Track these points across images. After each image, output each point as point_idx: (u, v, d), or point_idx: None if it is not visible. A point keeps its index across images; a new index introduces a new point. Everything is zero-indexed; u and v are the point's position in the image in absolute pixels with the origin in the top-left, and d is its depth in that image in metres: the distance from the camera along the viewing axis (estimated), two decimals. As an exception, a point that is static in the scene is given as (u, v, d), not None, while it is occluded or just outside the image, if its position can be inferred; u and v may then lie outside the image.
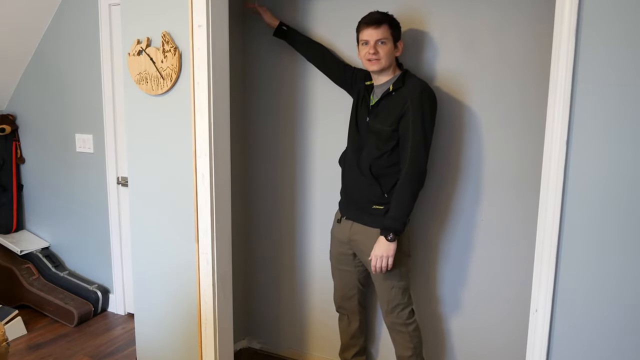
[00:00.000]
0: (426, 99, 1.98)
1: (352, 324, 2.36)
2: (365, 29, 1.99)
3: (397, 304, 2.13)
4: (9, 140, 3.46)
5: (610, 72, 1.49)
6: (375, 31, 1.97)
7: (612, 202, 1.52)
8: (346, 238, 2.19)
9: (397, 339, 2.19)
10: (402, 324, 2.15)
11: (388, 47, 1.99)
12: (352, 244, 2.18)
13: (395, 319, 2.15)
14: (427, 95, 1.99)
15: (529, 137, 2.06)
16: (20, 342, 2.92)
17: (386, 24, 1.97)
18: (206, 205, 2.17)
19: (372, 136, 2.07)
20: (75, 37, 3.12)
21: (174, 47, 2.14)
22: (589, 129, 1.53)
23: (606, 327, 1.58)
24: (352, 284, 2.29)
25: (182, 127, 2.19)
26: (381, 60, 1.98)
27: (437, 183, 2.26)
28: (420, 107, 1.96)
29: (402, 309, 2.14)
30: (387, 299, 2.14)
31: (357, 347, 2.39)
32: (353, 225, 2.15)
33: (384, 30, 1.97)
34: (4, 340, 1.91)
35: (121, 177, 3.12)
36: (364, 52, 2.00)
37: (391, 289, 2.12)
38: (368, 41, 1.98)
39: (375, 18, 1.98)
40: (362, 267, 2.24)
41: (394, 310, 2.14)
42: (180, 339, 2.39)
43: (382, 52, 1.98)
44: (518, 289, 2.16)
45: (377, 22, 1.97)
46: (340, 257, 2.27)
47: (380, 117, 2.04)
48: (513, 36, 2.04)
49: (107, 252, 3.26)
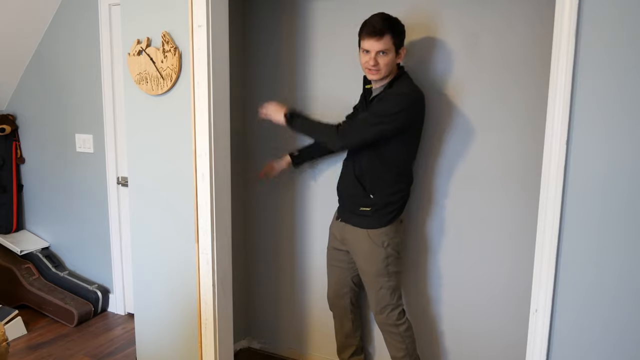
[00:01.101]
0: (402, 100, 1.95)
1: (346, 324, 2.37)
2: (367, 39, 1.92)
3: (386, 305, 2.13)
4: (9, 140, 3.46)
5: (610, 72, 1.49)
6: (377, 43, 1.91)
7: (612, 202, 1.52)
8: (340, 236, 2.22)
9: (388, 339, 2.20)
10: (392, 325, 2.15)
11: (389, 57, 1.94)
12: (344, 242, 2.21)
13: (385, 319, 2.15)
14: (406, 98, 1.96)
15: (529, 137, 2.06)
16: (20, 342, 2.92)
17: (389, 35, 1.91)
18: (206, 205, 2.17)
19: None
20: (75, 37, 3.12)
21: (174, 47, 2.13)
22: (589, 129, 1.53)
23: (606, 327, 1.58)
24: (344, 281, 2.30)
25: (182, 127, 2.19)
26: (381, 70, 1.96)
27: (437, 182, 2.26)
28: (388, 100, 1.95)
29: (391, 309, 2.14)
30: (376, 299, 2.14)
31: (353, 346, 2.39)
32: (345, 226, 2.18)
33: (385, 41, 1.91)
34: (4, 340, 1.91)
35: (121, 177, 3.12)
36: (364, 60, 1.97)
37: (379, 290, 2.12)
38: (369, 51, 1.94)
39: (377, 29, 1.89)
40: (355, 266, 2.24)
41: (384, 311, 2.14)
42: (180, 339, 2.39)
43: (382, 62, 1.94)
44: (518, 288, 2.16)
45: (380, 33, 1.90)
46: (334, 252, 2.29)
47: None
48: (513, 36, 2.04)
49: (107, 252, 3.26)
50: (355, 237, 2.13)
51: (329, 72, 2.43)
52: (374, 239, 2.08)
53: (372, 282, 2.14)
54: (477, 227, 2.22)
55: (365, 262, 2.13)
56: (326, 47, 2.42)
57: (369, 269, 2.12)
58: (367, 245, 2.09)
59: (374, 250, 2.09)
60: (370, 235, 2.08)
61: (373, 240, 2.08)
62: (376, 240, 2.08)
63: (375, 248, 2.08)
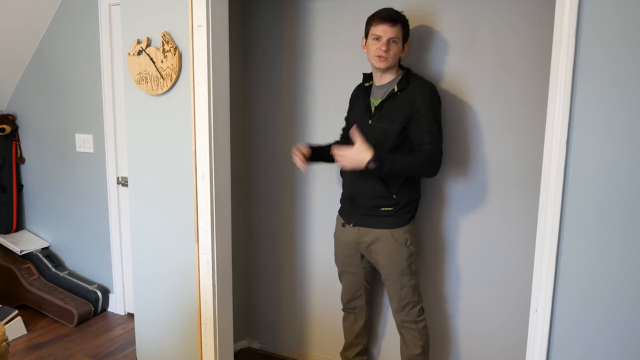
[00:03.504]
0: (436, 101, 2.02)
1: (358, 322, 2.36)
2: (380, 24, 1.94)
3: (408, 302, 2.14)
4: (9, 140, 3.46)
5: (610, 72, 1.49)
6: (390, 28, 1.93)
7: (612, 202, 1.52)
8: (353, 241, 2.18)
9: (406, 336, 2.18)
10: (412, 322, 2.16)
11: (398, 47, 1.98)
12: (360, 247, 2.17)
13: (406, 316, 2.15)
14: (437, 96, 2.03)
15: (529, 137, 2.06)
16: (20, 342, 2.92)
17: (400, 24, 1.96)
18: (206, 205, 2.17)
19: (374, 137, 2.02)
20: (75, 37, 3.12)
21: (174, 47, 2.13)
22: (589, 129, 1.53)
23: (606, 327, 1.58)
24: (359, 284, 2.29)
25: (182, 127, 2.19)
26: (389, 59, 1.97)
27: (436, 181, 2.26)
28: (432, 108, 1.99)
29: (412, 306, 2.15)
30: (398, 297, 2.13)
31: (360, 346, 2.40)
32: (360, 230, 2.14)
33: (398, 29, 1.95)
34: (4, 340, 1.91)
35: (121, 177, 3.12)
36: (375, 47, 1.96)
37: (402, 288, 2.12)
38: (381, 37, 1.95)
39: (392, 15, 1.94)
40: (369, 267, 2.24)
41: (405, 308, 2.14)
42: (180, 339, 2.39)
43: (392, 51, 1.96)
44: (519, 288, 2.16)
45: (394, 20, 1.94)
46: (346, 260, 2.26)
47: (387, 117, 2.02)
48: (513, 36, 2.04)
49: (107, 252, 3.26)
50: (376, 238, 2.10)
51: (329, 71, 2.43)
52: (398, 238, 2.07)
53: (395, 281, 2.12)
54: (479, 227, 2.22)
55: (390, 262, 2.10)
56: (326, 47, 2.42)
57: (393, 269, 2.10)
58: (391, 245, 2.08)
59: (398, 250, 2.08)
60: (394, 235, 2.07)
61: (397, 240, 2.07)
62: (399, 239, 2.07)
63: (399, 247, 2.08)
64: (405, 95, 2.00)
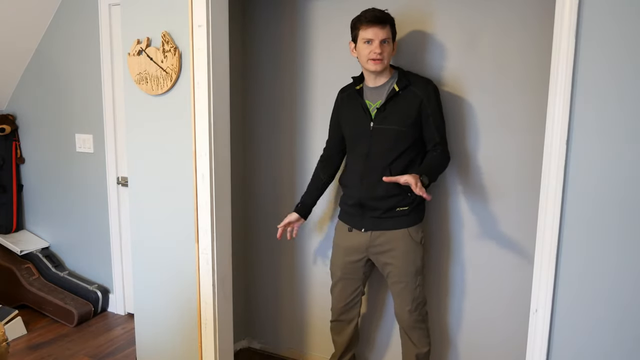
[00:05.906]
0: (438, 96, 2.06)
1: (349, 331, 2.28)
2: (370, 27, 1.92)
3: (420, 301, 2.13)
4: (9, 140, 3.46)
5: (609, 72, 1.49)
6: (381, 30, 1.92)
7: (612, 202, 1.52)
8: (363, 246, 2.13)
9: (415, 337, 2.16)
10: (421, 320, 2.15)
11: (390, 46, 1.97)
12: (370, 251, 2.13)
13: (417, 316, 2.13)
14: (438, 91, 2.06)
15: (529, 137, 2.06)
16: (20, 342, 2.92)
17: (389, 24, 1.95)
18: (206, 205, 2.17)
19: (379, 139, 2.02)
20: (75, 37, 3.12)
21: (174, 47, 2.14)
22: (589, 129, 1.53)
23: (606, 327, 1.58)
24: (358, 290, 2.24)
25: (182, 127, 2.19)
26: (384, 60, 1.96)
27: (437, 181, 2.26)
28: (437, 103, 2.03)
29: (422, 305, 2.15)
30: (412, 297, 2.10)
31: (352, 352, 2.36)
32: (372, 234, 2.10)
33: (387, 30, 1.94)
34: (4, 340, 1.91)
35: (121, 177, 3.12)
36: (368, 51, 1.94)
37: (416, 288, 2.09)
38: (372, 40, 1.93)
39: (379, 17, 1.92)
40: (368, 273, 2.22)
41: (417, 308, 2.12)
42: (180, 339, 2.39)
43: (386, 52, 1.95)
44: (519, 288, 2.16)
45: (383, 22, 1.92)
46: (348, 267, 2.19)
47: (392, 117, 2.00)
48: (513, 36, 2.04)
49: (107, 252, 3.26)
50: (392, 239, 2.06)
51: (330, 71, 2.42)
52: (414, 236, 2.06)
53: (409, 282, 2.08)
54: (479, 226, 2.23)
55: (406, 262, 2.07)
56: (326, 46, 2.42)
57: (409, 269, 2.07)
58: (408, 244, 2.06)
59: (415, 249, 2.07)
60: (410, 233, 2.06)
61: (413, 238, 2.06)
62: (416, 237, 2.06)
63: (415, 246, 2.07)
64: (409, 93, 1.99)
